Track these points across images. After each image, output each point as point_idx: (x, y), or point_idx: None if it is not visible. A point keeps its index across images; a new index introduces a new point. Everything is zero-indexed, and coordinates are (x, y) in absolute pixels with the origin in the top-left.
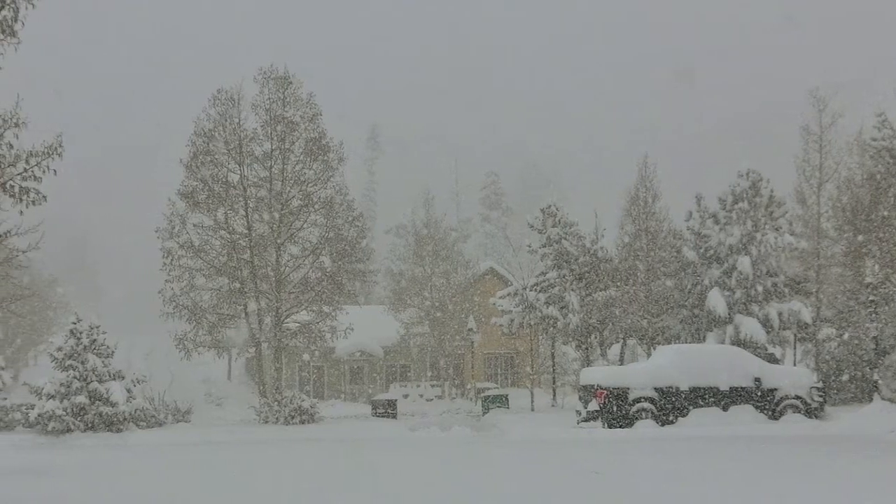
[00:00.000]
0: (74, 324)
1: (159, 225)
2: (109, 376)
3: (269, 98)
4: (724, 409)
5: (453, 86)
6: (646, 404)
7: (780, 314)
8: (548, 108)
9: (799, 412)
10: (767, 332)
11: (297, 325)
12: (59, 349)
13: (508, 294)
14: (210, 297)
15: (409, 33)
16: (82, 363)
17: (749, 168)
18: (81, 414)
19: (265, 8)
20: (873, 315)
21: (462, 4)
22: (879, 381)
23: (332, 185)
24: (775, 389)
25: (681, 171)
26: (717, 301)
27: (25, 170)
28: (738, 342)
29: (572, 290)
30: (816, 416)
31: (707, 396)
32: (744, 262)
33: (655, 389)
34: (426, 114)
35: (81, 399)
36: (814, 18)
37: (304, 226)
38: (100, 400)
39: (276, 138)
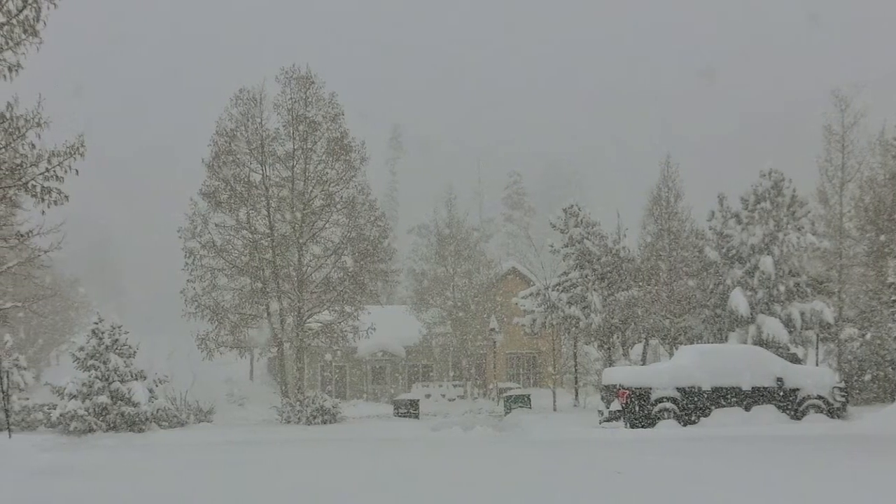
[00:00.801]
0: (96, 324)
1: (181, 225)
2: (131, 376)
3: (292, 98)
4: (747, 409)
5: (475, 85)
6: (668, 404)
7: (802, 314)
8: (570, 107)
9: (821, 412)
10: (790, 332)
11: (319, 324)
12: (81, 349)
13: (531, 294)
14: (232, 297)
15: (431, 33)
16: (104, 363)
17: (771, 168)
18: (103, 414)
19: (288, 8)
20: None
21: (485, 5)
22: None
23: (354, 184)
24: (797, 389)
25: (703, 170)
26: (739, 301)
27: (47, 170)
28: (761, 342)
29: (594, 289)
30: (839, 416)
31: (729, 396)
32: (766, 262)
33: (678, 389)
34: (448, 113)
35: (103, 399)
36: (837, 19)
37: (327, 225)
38: (122, 400)
39: (298, 138)
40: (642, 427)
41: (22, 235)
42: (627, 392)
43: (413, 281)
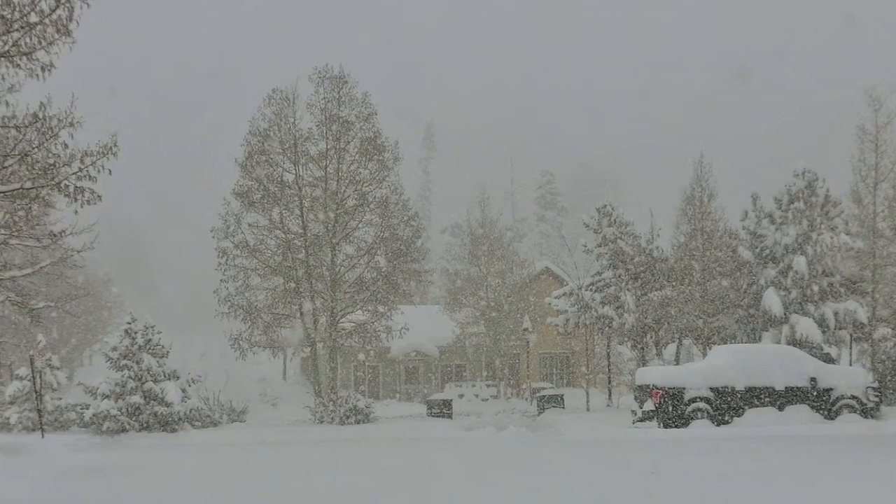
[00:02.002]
0: (129, 323)
1: (214, 224)
2: (164, 376)
3: (325, 97)
4: (780, 408)
5: (508, 85)
6: (701, 404)
7: (835, 314)
8: (603, 107)
9: (855, 412)
10: (823, 332)
11: (352, 324)
12: (114, 349)
13: (564, 294)
14: (265, 297)
15: (464, 34)
16: (137, 363)
17: (805, 167)
18: (136, 414)
19: (322, 9)
20: None
21: (518, 5)
22: None
23: (387, 184)
24: (831, 389)
25: (736, 170)
26: (772, 301)
27: (80, 169)
28: (794, 342)
29: (628, 289)
30: (872, 416)
31: (763, 396)
32: (799, 262)
33: (711, 389)
34: (481, 113)
35: (136, 399)
36: (871, 18)
37: (360, 225)
38: (154, 400)
39: (331, 138)
40: (676, 427)
41: (55, 235)
42: (661, 392)
43: (446, 281)
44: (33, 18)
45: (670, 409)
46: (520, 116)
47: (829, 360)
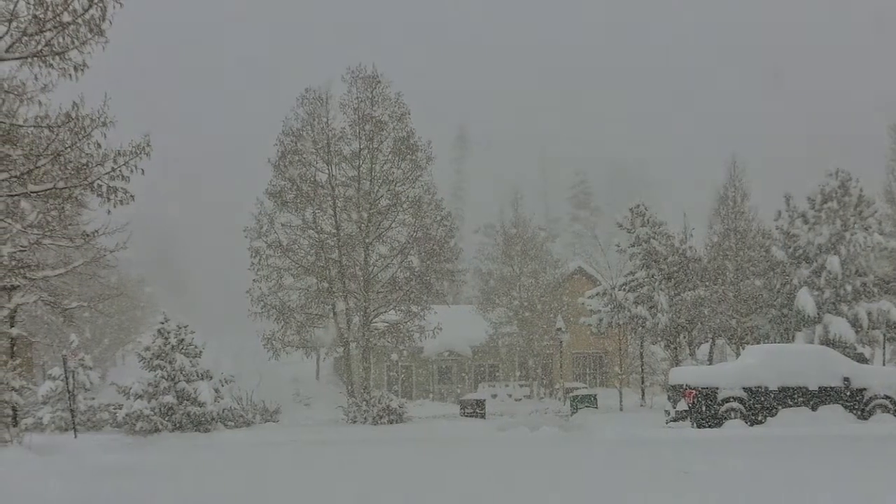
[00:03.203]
0: (162, 323)
1: (248, 224)
2: (197, 376)
3: (358, 97)
4: (813, 408)
5: (542, 86)
6: (735, 404)
7: (869, 314)
8: (636, 107)
9: (888, 412)
10: (856, 332)
11: (385, 324)
12: (147, 349)
13: (597, 293)
14: (298, 297)
15: (499, 34)
16: (170, 363)
17: (838, 167)
18: (169, 414)
19: (355, 10)
20: None
21: (550, 8)
22: None
23: (420, 184)
24: (864, 389)
25: (770, 170)
26: (805, 301)
27: (113, 169)
28: (827, 342)
29: (661, 289)
30: None
31: (796, 396)
32: (833, 262)
33: (744, 389)
34: (515, 113)
35: (169, 399)
36: None
37: (393, 225)
38: (187, 400)
39: (364, 137)
40: (709, 427)
41: (87, 235)
42: (694, 392)
43: (479, 281)
44: (66, 18)
45: (703, 408)
46: (553, 116)
47: (862, 359)
